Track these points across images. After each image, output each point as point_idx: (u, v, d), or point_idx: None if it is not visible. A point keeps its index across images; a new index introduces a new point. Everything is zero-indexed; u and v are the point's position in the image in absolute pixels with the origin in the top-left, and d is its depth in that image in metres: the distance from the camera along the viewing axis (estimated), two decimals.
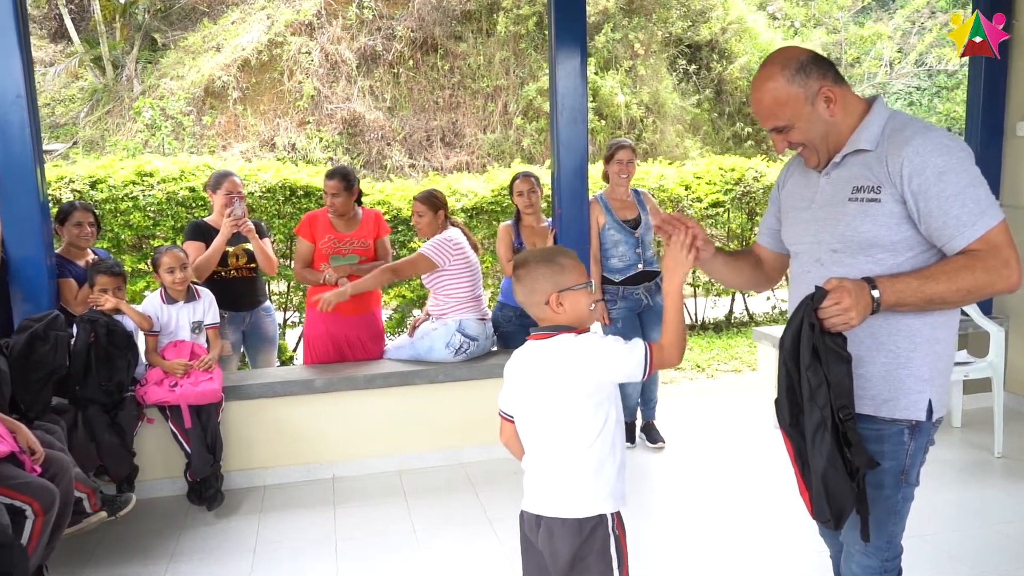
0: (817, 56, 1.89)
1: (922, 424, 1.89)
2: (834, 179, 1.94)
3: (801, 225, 2.04)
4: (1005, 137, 4.83)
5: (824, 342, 1.74)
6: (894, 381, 1.88)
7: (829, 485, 1.76)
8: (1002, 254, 1.74)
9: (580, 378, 1.92)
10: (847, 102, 1.90)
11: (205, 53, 14.17)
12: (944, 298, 1.77)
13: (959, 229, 1.75)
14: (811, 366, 1.74)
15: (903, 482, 1.93)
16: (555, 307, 1.95)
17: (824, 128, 1.90)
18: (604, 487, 1.95)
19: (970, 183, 1.76)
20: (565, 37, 4.13)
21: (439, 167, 13.25)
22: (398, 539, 3.47)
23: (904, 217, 1.81)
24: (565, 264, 1.96)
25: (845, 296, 1.72)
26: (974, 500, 3.68)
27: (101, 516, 3.17)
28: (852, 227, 1.87)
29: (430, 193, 4.15)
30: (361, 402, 4.11)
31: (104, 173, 5.72)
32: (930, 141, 1.78)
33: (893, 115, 1.89)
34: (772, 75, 1.87)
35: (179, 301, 3.86)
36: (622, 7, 14.38)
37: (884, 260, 1.85)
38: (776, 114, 1.89)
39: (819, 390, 1.74)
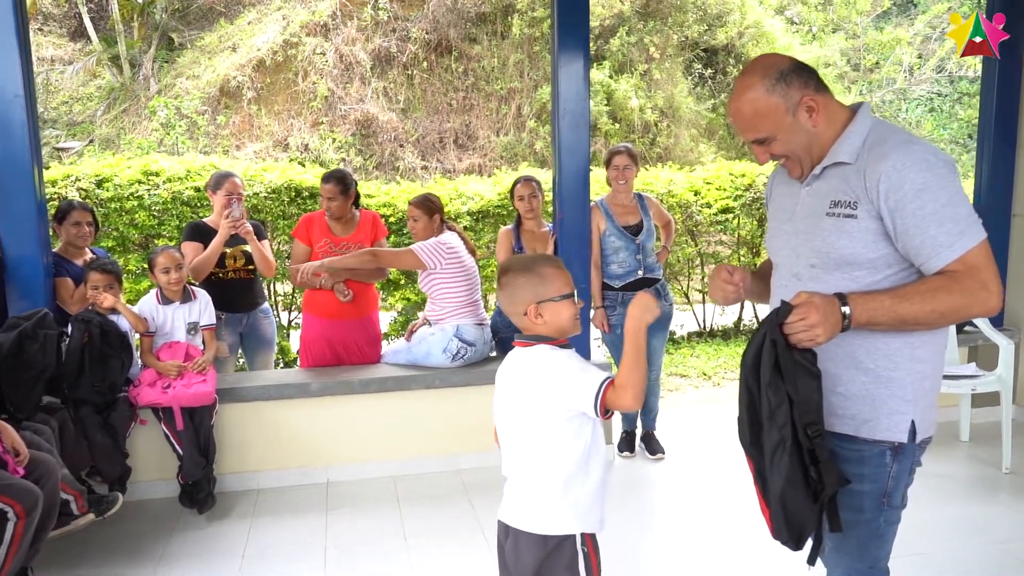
0: (798, 64, 1.81)
1: (905, 446, 1.82)
2: (814, 191, 1.87)
3: (782, 237, 1.98)
4: (1018, 146, 4.73)
5: (792, 357, 1.68)
6: (874, 401, 1.81)
7: (787, 505, 1.70)
8: (981, 276, 1.67)
9: (540, 397, 1.88)
10: (830, 111, 1.83)
11: (221, 53, 14.24)
12: (918, 319, 1.70)
13: (936, 249, 1.68)
14: (771, 384, 1.68)
15: (885, 505, 1.85)
16: (533, 317, 1.91)
17: (807, 139, 1.82)
18: (572, 507, 1.90)
19: (949, 201, 1.68)
20: (568, 40, 4.08)
21: (452, 169, 13.23)
22: (388, 547, 3.43)
23: (881, 234, 1.74)
24: (546, 274, 1.92)
25: (812, 312, 1.65)
26: (979, 517, 3.59)
27: (88, 518, 3.15)
28: (828, 243, 1.80)
29: (425, 197, 4.12)
30: (357, 406, 4.08)
31: (110, 172, 5.73)
32: (909, 156, 1.70)
33: (876, 126, 1.81)
34: (751, 85, 1.79)
35: (175, 302, 3.84)
36: (637, 10, 14.31)
37: (862, 277, 1.78)
38: (756, 126, 1.82)
39: (779, 409, 1.67)
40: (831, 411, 1.84)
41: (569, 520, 1.90)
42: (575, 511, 1.90)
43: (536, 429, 1.89)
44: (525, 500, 1.96)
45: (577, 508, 1.90)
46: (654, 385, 4.42)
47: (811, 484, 1.70)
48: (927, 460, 4.20)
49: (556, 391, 1.86)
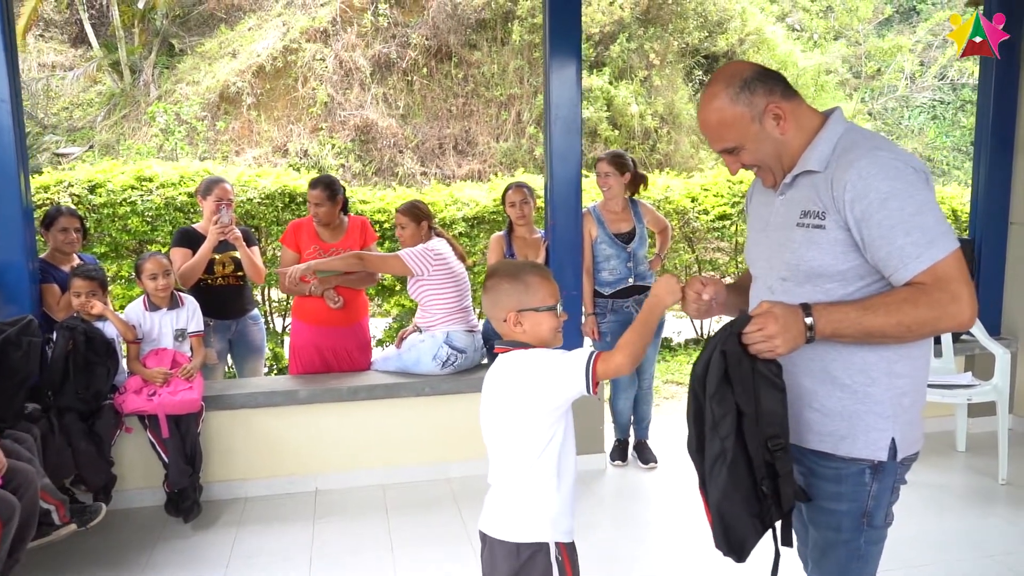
0: (763, 71, 1.75)
1: (885, 464, 1.74)
2: (787, 201, 1.81)
3: (757, 248, 1.93)
4: (1016, 152, 4.68)
5: (755, 368, 1.64)
6: (852, 417, 1.74)
7: (725, 517, 1.66)
8: (951, 288, 1.59)
9: (523, 397, 1.85)
10: (800, 117, 1.76)
11: (221, 59, 14.26)
12: (884, 332, 1.63)
13: (904, 260, 1.61)
14: (716, 395, 1.63)
15: (865, 525, 1.78)
16: (512, 325, 1.89)
17: (775, 147, 1.77)
18: (543, 515, 1.88)
19: (918, 210, 1.60)
20: (559, 45, 4.04)
21: (451, 175, 13.22)
22: (374, 556, 3.39)
23: (851, 245, 1.68)
24: (531, 282, 1.89)
25: (770, 322, 1.61)
26: (975, 529, 3.54)
27: (71, 528, 3.10)
28: (798, 255, 1.74)
29: (412, 204, 4.08)
30: (345, 414, 4.04)
31: (103, 177, 5.71)
32: (876, 163, 1.63)
33: (848, 132, 1.75)
34: (716, 94, 1.74)
35: (162, 308, 3.81)
36: (638, 17, 14.30)
37: (833, 290, 1.71)
38: (723, 135, 1.77)
39: (723, 420, 1.63)
40: (808, 428, 1.78)
41: (542, 528, 1.88)
42: (547, 519, 1.88)
43: (513, 434, 1.87)
44: (500, 508, 1.94)
45: (548, 516, 1.88)
46: (646, 394, 4.38)
47: (760, 498, 1.65)
48: (923, 470, 4.17)
49: (542, 383, 1.84)
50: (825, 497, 1.80)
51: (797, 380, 1.77)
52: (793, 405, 1.77)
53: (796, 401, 1.78)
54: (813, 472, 1.81)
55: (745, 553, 1.69)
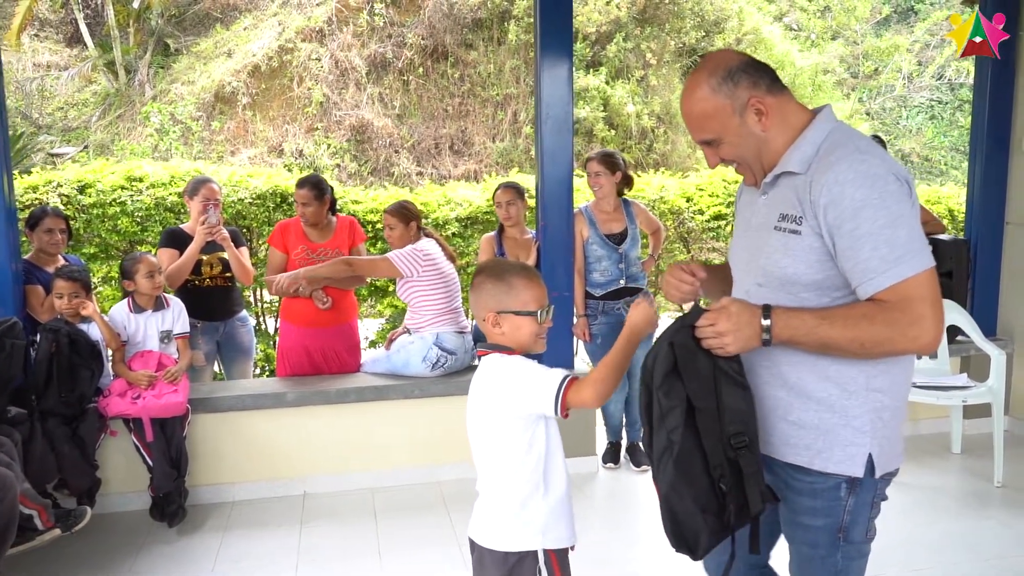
0: (751, 62, 1.67)
1: (862, 480, 1.68)
2: (769, 201, 1.73)
3: (737, 250, 1.86)
4: (1012, 151, 4.65)
5: (717, 364, 1.60)
6: (828, 431, 1.67)
7: (675, 512, 1.61)
8: (914, 310, 1.51)
9: (496, 404, 1.81)
10: (785, 114, 1.68)
11: (217, 59, 14.20)
12: (840, 346, 1.57)
13: (868, 275, 1.54)
14: (663, 386, 1.59)
15: (842, 540, 1.71)
16: (491, 326, 1.84)
17: (755, 143, 1.69)
18: (531, 523, 1.83)
19: (890, 223, 1.51)
20: (550, 43, 4.00)
21: (447, 175, 13.17)
22: (362, 560, 3.34)
23: (825, 253, 1.60)
24: (515, 284, 1.83)
25: (723, 319, 1.57)
26: (970, 532, 3.50)
27: (54, 533, 3.06)
28: (772, 260, 1.67)
29: (400, 205, 4.04)
30: (334, 417, 3.99)
31: (93, 178, 5.65)
32: (854, 169, 1.54)
33: (834, 132, 1.66)
34: (698, 83, 1.67)
35: (147, 310, 3.76)
36: (635, 16, 14.25)
37: (808, 299, 1.65)
38: (703, 127, 1.69)
39: (671, 413, 1.58)
40: (783, 440, 1.73)
41: (529, 536, 1.84)
42: (535, 527, 1.84)
43: (492, 441, 1.83)
44: (487, 516, 1.90)
45: (536, 524, 1.84)
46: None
47: (717, 496, 1.60)
48: (918, 472, 4.14)
49: (511, 394, 1.80)
50: (801, 512, 1.74)
51: (772, 391, 1.72)
52: (768, 416, 1.72)
53: (771, 412, 1.73)
54: (788, 486, 1.75)
55: (699, 551, 1.63)
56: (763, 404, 1.72)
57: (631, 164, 13.03)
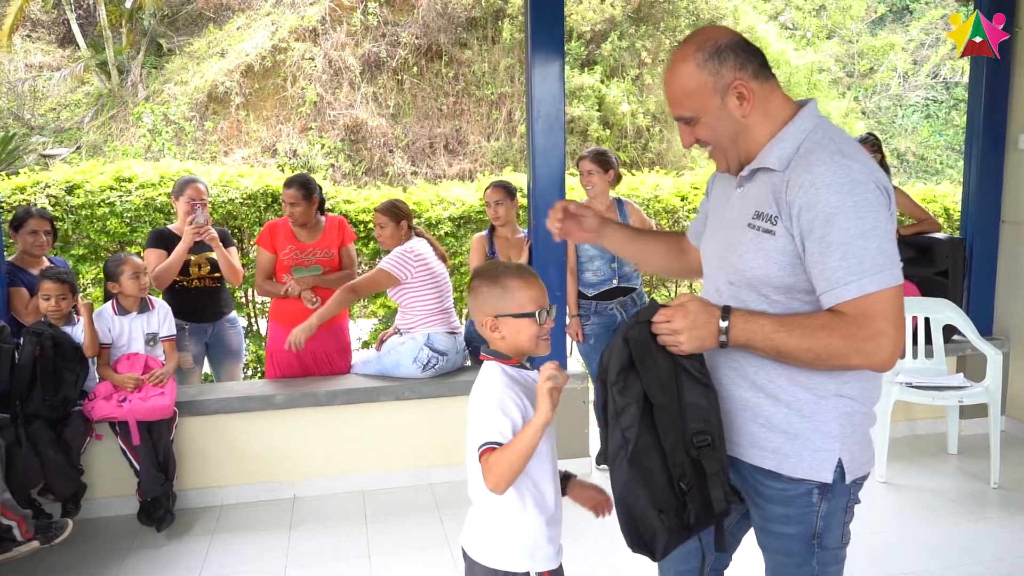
0: (742, 42, 1.59)
1: (832, 485, 1.64)
2: (744, 196, 1.66)
3: (709, 245, 1.80)
4: (1007, 150, 4.61)
5: (678, 361, 1.57)
6: (796, 435, 1.63)
7: (631, 511, 1.57)
8: (873, 325, 1.46)
9: (472, 416, 1.75)
10: (769, 104, 1.60)
11: (210, 59, 14.13)
12: (794, 355, 1.53)
13: (830, 284, 1.49)
14: (617, 383, 1.55)
15: (816, 547, 1.67)
16: (490, 331, 1.76)
17: (733, 128, 1.61)
18: (519, 542, 1.75)
19: (862, 233, 1.46)
20: (542, 39, 3.95)
21: (442, 174, 13.12)
22: (351, 565, 3.30)
23: (798, 256, 1.54)
24: (510, 286, 1.74)
25: (678, 316, 1.54)
26: (966, 534, 3.46)
27: (33, 545, 3.01)
28: (744, 259, 1.61)
29: (391, 204, 3.98)
30: (323, 419, 3.94)
31: (82, 178, 5.60)
32: (832, 172, 1.48)
33: (816, 129, 1.58)
34: (684, 56, 1.59)
35: (132, 312, 3.71)
36: (629, 15, 14.21)
37: (780, 302, 1.60)
38: (681, 101, 1.62)
39: (626, 410, 1.54)
40: (752, 442, 1.68)
41: (518, 556, 1.76)
42: (523, 546, 1.76)
43: (472, 450, 1.76)
44: (476, 528, 1.84)
45: (525, 542, 1.76)
46: None
47: (677, 495, 1.57)
48: (913, 473, 4.09)
49: (472, 418, 1.73)
50: (773, 520, 1.70)
51: (741, 392, 1.68)
52: (736, 417, 1.69)
53: (740, 413, 1.69)
54: (759, 493, 1.71)
55: (658, 552, 1.59)
56: (731, 405, 1.69)
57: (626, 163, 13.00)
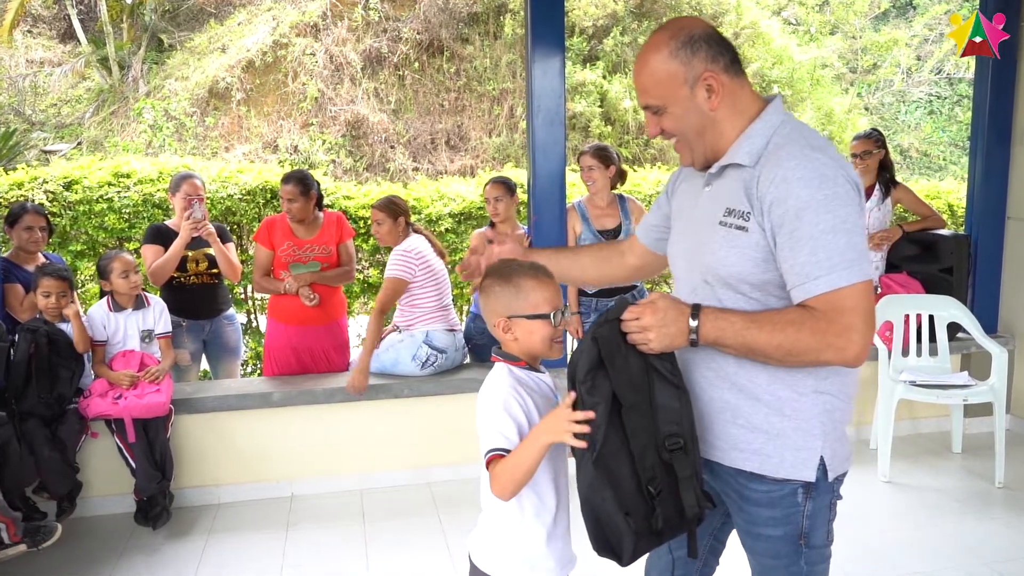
0: (715, 35, 1.59)
1: (816, 484, 1.62)
2: (713, 194, 1.65)
3: (677, 246, 1.78)
4: (1013, 145, 4.56)
5: (649, 362, 1.54)
6: (777, 435, 1.61)
7: (596, 513, 1.53)
8: (843, 320, 1.46)
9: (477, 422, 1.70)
10: (738, 99, 1.60)
11: (211, 54, 14.08)
12: (765, 352, 1.52)
13: (801, 279, 1.48)
14: (586, 381, 1.51)
15: (804, 547, 1.66)
16: (503, 333, 1.70)
17: (700, 121, 1.60)
18: (517, 553, 1.70)
19: (831, 228, 1.45)
20: (542, 32, 3.90)
21: (443, 170, 13.06)
22: (347, 566, 3.26)
23: (771, 252, 1.53)
24: (523, 286, 1.68)
25: (647, 313, 1.51)
26: (971, 535, 3.42)
27: (20, 549, 2.98)
28: (718, 257, 1.59)
29: (389, 200, 3.94)
30: (321, 417, 3.91)
31: (79, 174, 5.56)
32: (802, 167, 1.48)
33: (784, 125, 1.58)
34: (657, 44, 1.58)
35: (127, 309, 3.67)
36: (632, 10, 14.15)
37: (757, 299, 1.58)
38: (650, 89, 1.60)
39: (594, 411, 1.49)
40: (732, 445, 1.66)
41: (518, 567, 1.71)
42: (522, 556, 1.71)
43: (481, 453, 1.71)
44: (481, 535, 1.79)
45: (524, 554, 1.71)
46: None
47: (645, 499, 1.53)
48: (917, 473, 4.05)
49: (479, 422, 1.68)
50: (759, 523, 1.67)
51: (719, 393, 1.65)
52: (714, 420, 1.67)
53: (719, 415, 1.66)
54: (743, 497, 1.68)
55: (625, 556, 1.55)
56: (709, 407, 1.67)
57: (628, 160, 12.94)
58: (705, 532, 1.89)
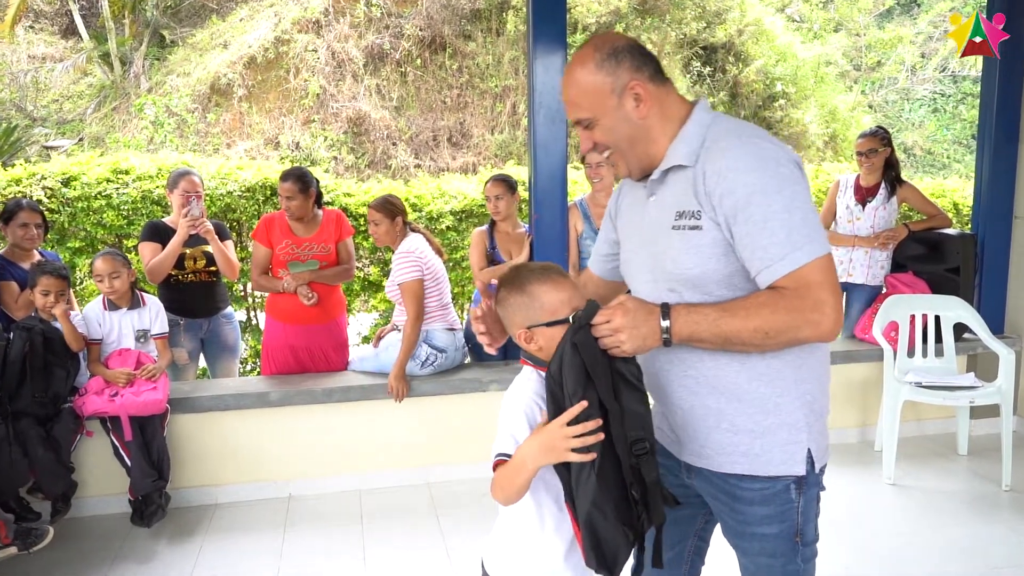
0: (637, 46, 1.62)
1: (807, 477, 1.64)
2: (659, 202, 1.65)
3: (632, 263, 1.75)
4: (1020, 144, 4.50)
5: (613, 367, 1.50)
6: (765, 432, 1.61)
7: (597, 529, 1.48)
8: (813, 295, 1.47)
9: None
10: (666, 106, 1.63)
11: (212, 50, 14.03)
12: (742, 338, 1.50)
13: (766, 262, 1.49)
14: (577, 392, 1.46)
15: (800, 544, 1.66)
16: (526, 343, 1.64)
17: (630, 129, 1.62)
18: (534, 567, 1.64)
19: (784, 208, 1.47)
20: (544, 29, 3.85)
21: (445, 167, 13.02)
22: (345, 567, 3.22)
23: (729, 245, 1.54)
24: (538, 293, 1.60)
25: (618, 315, 1.49)
26: (977, 539, 3.37)
27: (10, 551, 2.95)
28: (678, 262, 1.59)
29: (385, 200, 3.88)
30: (320, 417, 3.87)
31: (78, 170, 5.52)
32: (744, 155, 1.50)
33: (715, 121, 1.61)
34: (582, 59, 1.61)
35: (122, 308, 3.63)
36: (635, 7, 14.08)
37: (724, 296, 1.58)
38: (579, 103, 1.62)
39: (589, 421, 1.45)
40: (718, 450, 1.65)
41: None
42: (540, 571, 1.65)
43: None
44: (497, 543, 1.72)
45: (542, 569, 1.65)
46: None
47: (631, 504, 1.50)
48: (923, 475, 4.00)
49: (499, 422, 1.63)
50: (753, 522, 1.66)
51: (701, 400, 1.64)
52: (699, 427, 1.66)
53: (702, 422, 1.65)
54: (735, 497, 1.66)
55: (618, 568, 1.53)
56: (691, 414, 1.66)
57: None
58: (689, 532, 1.89)
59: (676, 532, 1.86)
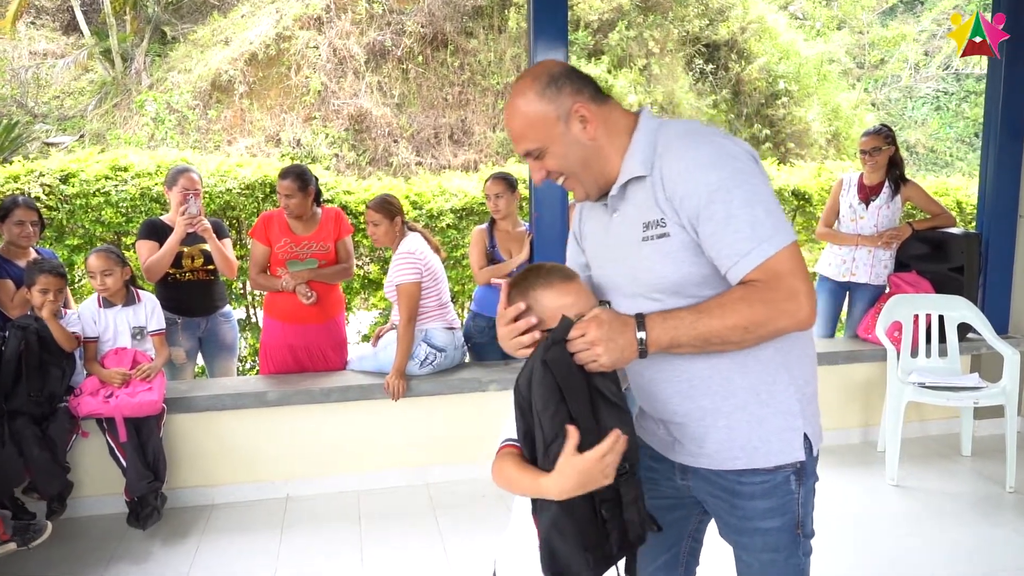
0: (572, 70, 1.62)
1: (805, 464, 1.63)
2: (623, 217, 1.64)
3: (609, 281, 1.72)
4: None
5: (591, 383, 1.46)
6: (761, 423, 1.60)
7: (555, 552, 1.46)
8: (785, 284, 1.46)
9: None
10: (611, 122, 1.61)
11: (214, 47, 14.01)
12: (722, 336, 1.48)
13: (734, 258, 1.48)
14: (547, 409, 1.43)
15: (800, 536, 1.66)
16: None
17: (582, 152, 1.60)
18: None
19: (746, 201, 1.47)
20: (545, 26, 3.82)
21: (447, 165, 12.99)
22: (343, 568, 3.20)
23: (699, 246, 1.53)
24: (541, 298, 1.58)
25: (592, 327, 1.45)
26: (981, 541, 3.34)
27: (9, 548, 2.92)
28: (654, 272, 1.57)
29: (383, 199, 3.85)
30: (318, 417, 3.84)
31: (77, 167, 5.49)
32: (699, 154, 1.50)
33: (663, 126, 1.60)
34: (522, 91, 1.59)
35: (116, 305, 3.60)
36: (638, 4, 14.04)
37: (708, 297, 1.55)
38: (526, 135, 1.60)
39: (555, 443, 1.42)
40: (718, 449, 1.64)
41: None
42: None
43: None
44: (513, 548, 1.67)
45: None
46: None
47: (599, 525, 1.47)
48: (926, 476, 3.97)
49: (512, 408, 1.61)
50: (755, 517, 1.65)
51: (697, 403, 1.62)
52: (696, 428, 1.64)
53: (698, 423, 1.64)
54: (735, 493, 1.65)
55: None
56: (687, 418, 1.65)
57: None
58: (684, 535, 1.87)
59: (671, 535, 1.84)
